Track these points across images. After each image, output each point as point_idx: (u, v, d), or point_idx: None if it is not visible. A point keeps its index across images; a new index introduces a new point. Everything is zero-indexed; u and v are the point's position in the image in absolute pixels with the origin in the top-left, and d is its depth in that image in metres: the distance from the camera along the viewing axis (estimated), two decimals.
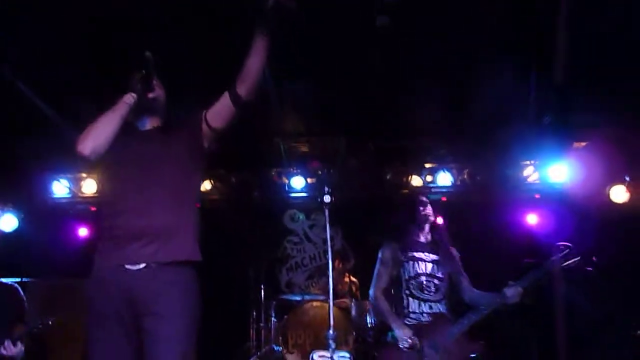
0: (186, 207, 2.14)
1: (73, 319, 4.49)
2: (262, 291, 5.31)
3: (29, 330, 3.47)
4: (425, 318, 3.12)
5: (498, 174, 5.90)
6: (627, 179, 5.55)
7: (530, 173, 5.96)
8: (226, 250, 5.39)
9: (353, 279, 5.55)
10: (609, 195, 5.57)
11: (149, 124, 2.29)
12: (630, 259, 5.06)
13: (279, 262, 6.38)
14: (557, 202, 5.74)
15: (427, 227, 3.37)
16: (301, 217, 6.54)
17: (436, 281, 3.21)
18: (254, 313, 5.42)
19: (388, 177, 5.85)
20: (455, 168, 5.92)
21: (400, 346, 2.96)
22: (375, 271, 3.32)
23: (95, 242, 2.17)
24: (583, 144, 5.64)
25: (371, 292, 3.28)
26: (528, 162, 5.92)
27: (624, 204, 5.54)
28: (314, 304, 4.76)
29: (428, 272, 3.21)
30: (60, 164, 5.51)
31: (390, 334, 3.12)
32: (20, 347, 3.42)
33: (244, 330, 5.33)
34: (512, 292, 3.06)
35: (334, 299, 2.28)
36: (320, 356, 2.07)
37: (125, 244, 2.02)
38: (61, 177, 5.66)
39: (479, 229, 5.78)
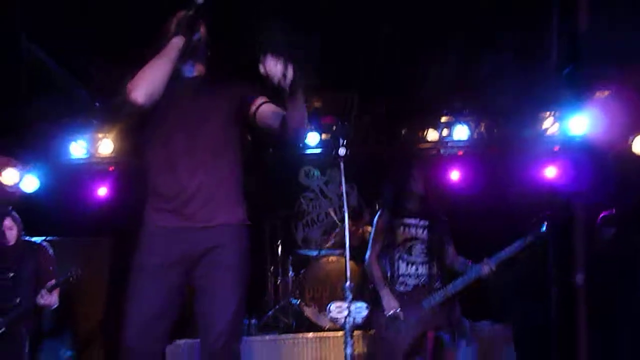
0: (231, 164, 2.17)
1: (93, 275, 4.67)
2: (279, 247, 5.40)
3: (62, 279, 3.59)
4: (412, 281, 3.37)
5: (516, 127, 5.78)
6: None
7: (550, 125, 5.82)
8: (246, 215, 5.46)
9: (368, 228, 5.59)
10: (631, 146, 5.43)
11: (195, 70, 2.23)
12: None
13: (295, 218, 6.44)
14: (577, 154, 5.63)
15: (418, 195, 3.50)
16: (316, 173, 6.55)
17: (425, 245, 3.42)
18: (272, 268, 5.53)
19: (403, 132, 5.78)
20: (472, 121, 5.81)
21: (385, 314, 3.25)
22: (371, 237, 3.53)
23: (127, 194, 2.20)
24: (606, 93, 5.47)
25: (366, 257, 3.49)
26: (547, 114, 5.78)
27: None
28: (330, 258, 4.82)
29: (418, 236, 3.43)
30: (76, 125, 5.55)
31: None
32: (55, 296, 3.59)
33: (262, 285, 5.46)
34: (486, 268, 3.25)
35: (349, 253, 2.28)
36: (337, 307, 2.09)
37: (179, 203, 2.06)
38: (78, 138, 5.70)
39: (497, 182, 5.73)
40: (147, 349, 2.02)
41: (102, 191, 5.89)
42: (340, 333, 4.07)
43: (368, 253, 3.49)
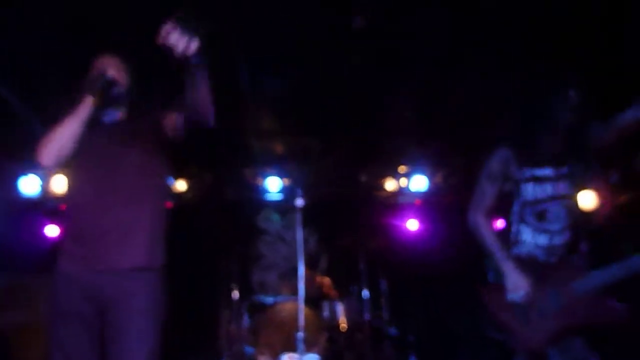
0: (149, 205, 2.11)
1: (36, 317, 4.41)
2: (234, 290, 5.28)
3: None
4: (541, 254, 2.35)
5: (471, 176, 5.95)
6: None
7: None
8: (198, 249, 5.34)
9: (325, 278, 5.56)
10: None
11: (117, 115, 2.25)
12: None
13: (251, 261, 6.34)
14: None
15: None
16: (275, 217, 6.51)
17: (563, 205, 2.37)
18: (226, 311, 5.37)
19: (363, 179, 5.86)
20: (429, 171, 5.96)
21: (509, 297, 2.28)
22: (478, 187, 2.50)
23: (59, 240, 2.14)
24: None
25: (471, 215, 2.48)
26: None
27: None
28: (286, 304, 4.74)
29: (553, 194, 2.37)
30: (28, 159, 5.38)
31: (492, 273, 2.47)
32: None
33: (215, 329, 5.29)
34: None
35: (304, 299, 2.26)
36: (289, 357, 2.05)
37: (88, 244, 2.00)
38: (30, 173, 5.52)
39: (454, 231, 5.84)
40: None
41: (52, 230, 5.67)
42: None
43: (472, 208, 2.49)
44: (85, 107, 2.07)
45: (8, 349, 4.42)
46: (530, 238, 2.36)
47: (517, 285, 2.25)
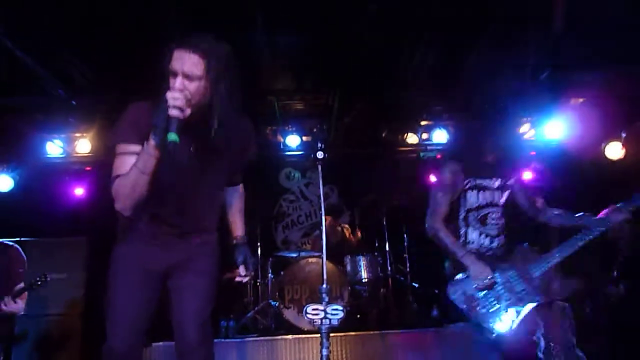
0: (218, 199, 2.31)
1: (69, 276, 4.59)
2: (259, 248, 5.38)
3: (28, 285, 3.52)
4: (486, 252, 2.74)
5: (493, 131, 5.85)
6: (624, 135, 5.52)
7: (527, 130, 5.93)
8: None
9: (345, 225, 5.62)
10: (604, 151, 5.56)
11: (200, 126, 2.01)
12: None
13: (275, 220, 6.43)
14: (552, 159, 5.74)
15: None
16: (297, 175, 6.56)
17: (500, 212, 2.79)
18: None
19: (384, 134, 5.82)
20: (451, 125, 5.88)
21: (475, 285, 2.61)
22: (432, 197, 2.81)
23: (103, 194, 2.20)
24: (580, 100, 5.59)
25: (428, 222, 2.78)
26: (524, 119, 5.88)
27: (618, 161, 5.54)
28: (310, 260, 4.83)
29: (493, 201, 2.78)
30: (52, 124, 5.46)
31: (448, 271, 2.78)
32: (20, 303, 3.49)
33: (242, 287, 5.44)
34: (619, 215, 2.66)
35: (327, 254, 2.29)
36: (313, 309, 2.10)
37: (160, 214, 2.11)
38: (54, 137, 5.61)
39: None
40: (130, 351, 2.05)
41: (79, 191, 5.81)
42: (319, 335, 4.10)
43: (429, 217, 2.78)
44: (149, 157, 1.88)
45: (46, 307, 4.63)
46: (476, 238, 2.77)
47: (481, 272, 2.61)
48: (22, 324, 3.81)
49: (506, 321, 2.56)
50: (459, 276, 2.68)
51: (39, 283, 3.53)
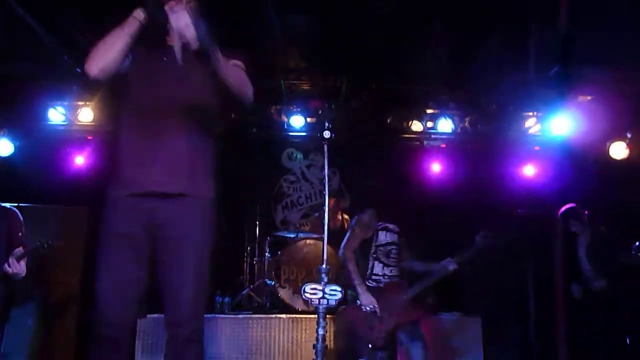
0: (197, 137, 2.11)
1: (68, 244, 4.59)
2: (257, 227, 5.40)
3: (31, 248, 3.51)
4: (385, 280, 3.55)
5: (499, 124, 5.84)
6: (629, 135, 5.50)
7: (532, 124, 5.91)
8: (223, 186, 5.40)
9: (346, 216, 5.62)
10: (608, 150, 5.55)
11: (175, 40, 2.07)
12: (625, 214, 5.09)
13: (275, 200, 6.43)
14: (556, 155, 5.73)
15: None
16: (299, 156, 6.54)
17: (396, 249, 3.64)
18: (248, 248, 5.53)
19: (389, 120, 5.78)
20: (457, 115, 5.85)
21: (363, 309, 3.37)
22: (350, 231, 3.63)
23: (108, 165, 2.14)
24: (588, 97, 5.56)
25: (342, 250, 3.56)
26: (531, 113, 5.86)
27: (622, 161, 5.53)
28: (308, 241, 4.84)
29: (394, 240, 3.65)
30: (56, 91, 5.42)
31: (349, 292, 3.49)
32: (23, 265, 3.49)
33: (238, 264, 5.47)
34: (451, 266, 3.48)
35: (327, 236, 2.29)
36: (312, 288, 2.10)
37: (138, 168, 2.02)
38: (57, 105, 5.57)
39: (477, 177, 5.81)
40: (119, 319, 2.00)
41: (80, 160, 5.78)
42: (314, 316, 4.13)
43: (344, 246, 3.55)
44: (135, 21, 2.01)
45: (43, 273, 4.63)
46: (380, 270, 3.58)
47: (368, 300, 3.37)
48: (20, 288, 3.81)
49: None
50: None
51: (45, 247, 3.50)
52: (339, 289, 2.13)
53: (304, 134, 5.95)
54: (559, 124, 5.62)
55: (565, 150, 5.52)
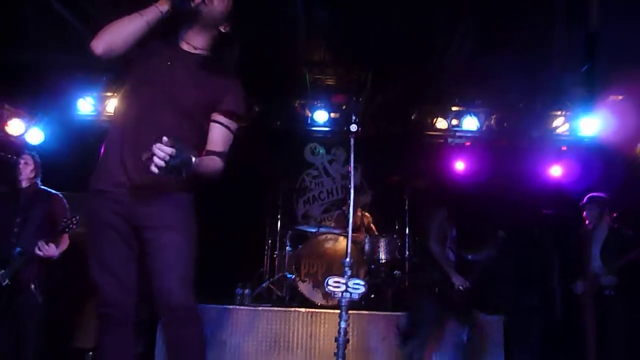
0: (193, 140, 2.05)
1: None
2: (279, 221, 5.41)
3: (63, 227, 3.47)
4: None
5: (526, 123, 5.74)
6: None
7: (560, 124, 5.79)
8: (245, 179, 5.44)
9: (366, 214, 5.60)
10: (639, 151, 5.41)
11: (192, 41, 2.12)
12: None
13: (296, 194, 6.45)
14: (584, 155, 5.61)
15: None
16: (321, 151, 6.54)
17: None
18: (269, 241, 5.56)
19: (413, 116, 5.74)
20: (483, 113, 5.77)
21: (456, 287, 3.92)
22: (436, 229, 4.11)
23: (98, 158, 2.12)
24: (619, 97, 5.42)
25: (434, 246, 4.07)
26: (559, 113, 5.74)
27: None
28: (329, 236, 4.83)
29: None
30: (85, 82, 5.52)
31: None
32: (53, 247, 3.47)
33: (259, 257, 5.50)
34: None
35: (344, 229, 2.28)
36: (335, 282, 2.10)
37: (122, 165, 2.01)
38: (86, 95, 5.68)
39: (501, 176, 5.72)
40: (117, 299, 2.02)
41: None
42: (333, 311, 4.14)
43: (434, 242, 4.06)
44: (156, 10, 1.98)
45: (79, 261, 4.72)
46: (453, 258, 4.12)
47: (460, 280, 3.92)
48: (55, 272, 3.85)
49: None
50: None
51: (70, 226, 3.51)
52: (362, 282, 2.12)
53: (327, 129, 5.95)
54: (588, 124, 5.51)
55: (594, 151, 5.41)
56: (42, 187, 3.80)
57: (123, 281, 2.03)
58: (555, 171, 5.92)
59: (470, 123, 5.73)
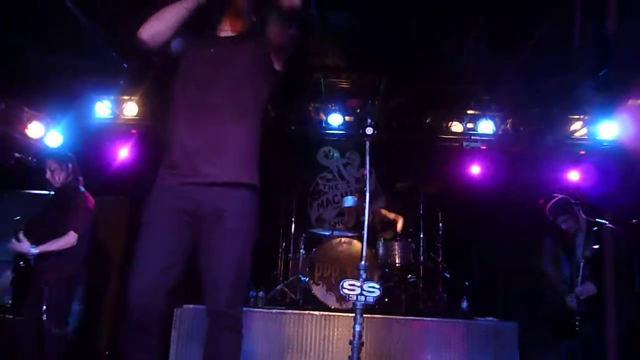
0: (244, 122, 2.11)
1: (111, 234, 4.72)
2: (293, 224, 5.42)
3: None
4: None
5: (543, 127, 5.68)
6: None
7: (578, 128, 5.72)
8: (259, 182, 5.45)
9: (383, 212, 5.57)
10: None
11: (228, 27, 2.22)
12: None
13: (310, 197, 6.45)
14: (602, 160, 5.53)
15: None
16: (336, 154, 6.54)
17: None
18: (283, 244, 5.56)
19: (428, 120, 5.71)
20: (498, 116, 5.72)
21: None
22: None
23: (147, 157, 2.17)
24: (639, 101, 5.34)
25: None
26: (577, 117, 5.67)
27: None
28: (343, 239, 4.82)
29: None
30: (103, 85, 5.59)
31: None
32: (25, 244, 3.48)
33: (273, 260, 5.51)
34: None
35: (359, 237, 2.28)
36: (350, 284, 2.09)
37: (184, 157, 2.05)
38: (104, 98, 5.75)
39: (517, 181, 5.66)
40: (147, 303, 2.00)
41: (124, 153, 5.95)
42: (347, 314, 4.13)
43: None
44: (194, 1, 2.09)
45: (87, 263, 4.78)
46: None
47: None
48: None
49: None
50: None
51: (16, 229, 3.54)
52: (377, 286, 2.11)
53: (341, 132, 5.94)
54: (607, 128, 5.43)
55: (613, 155, 5.33)
56: (75, 186, 3.81)
57: (158, 286, 2.00)
58: (573, 176, 5.85)
59: (486, 127, 5.68)
